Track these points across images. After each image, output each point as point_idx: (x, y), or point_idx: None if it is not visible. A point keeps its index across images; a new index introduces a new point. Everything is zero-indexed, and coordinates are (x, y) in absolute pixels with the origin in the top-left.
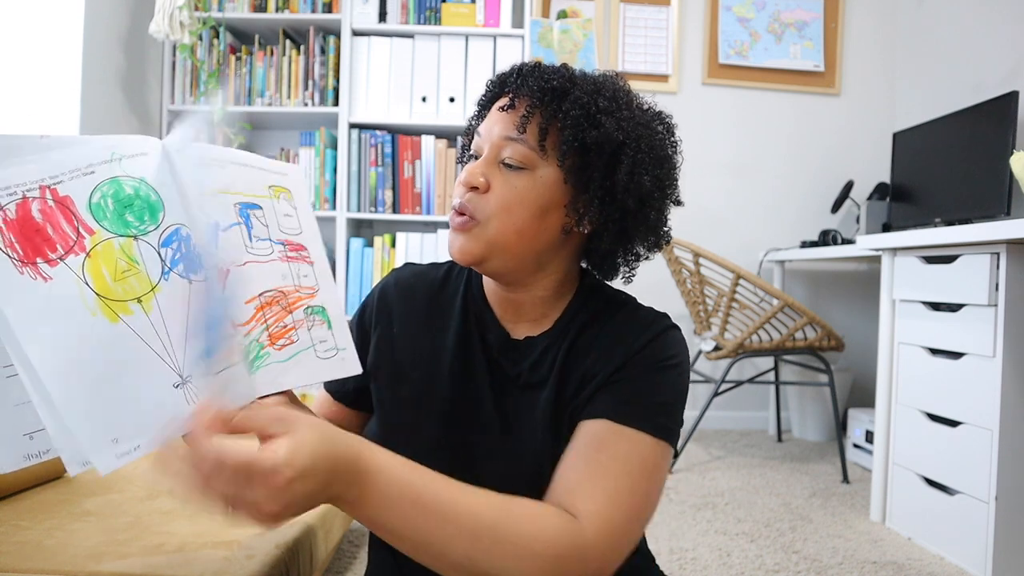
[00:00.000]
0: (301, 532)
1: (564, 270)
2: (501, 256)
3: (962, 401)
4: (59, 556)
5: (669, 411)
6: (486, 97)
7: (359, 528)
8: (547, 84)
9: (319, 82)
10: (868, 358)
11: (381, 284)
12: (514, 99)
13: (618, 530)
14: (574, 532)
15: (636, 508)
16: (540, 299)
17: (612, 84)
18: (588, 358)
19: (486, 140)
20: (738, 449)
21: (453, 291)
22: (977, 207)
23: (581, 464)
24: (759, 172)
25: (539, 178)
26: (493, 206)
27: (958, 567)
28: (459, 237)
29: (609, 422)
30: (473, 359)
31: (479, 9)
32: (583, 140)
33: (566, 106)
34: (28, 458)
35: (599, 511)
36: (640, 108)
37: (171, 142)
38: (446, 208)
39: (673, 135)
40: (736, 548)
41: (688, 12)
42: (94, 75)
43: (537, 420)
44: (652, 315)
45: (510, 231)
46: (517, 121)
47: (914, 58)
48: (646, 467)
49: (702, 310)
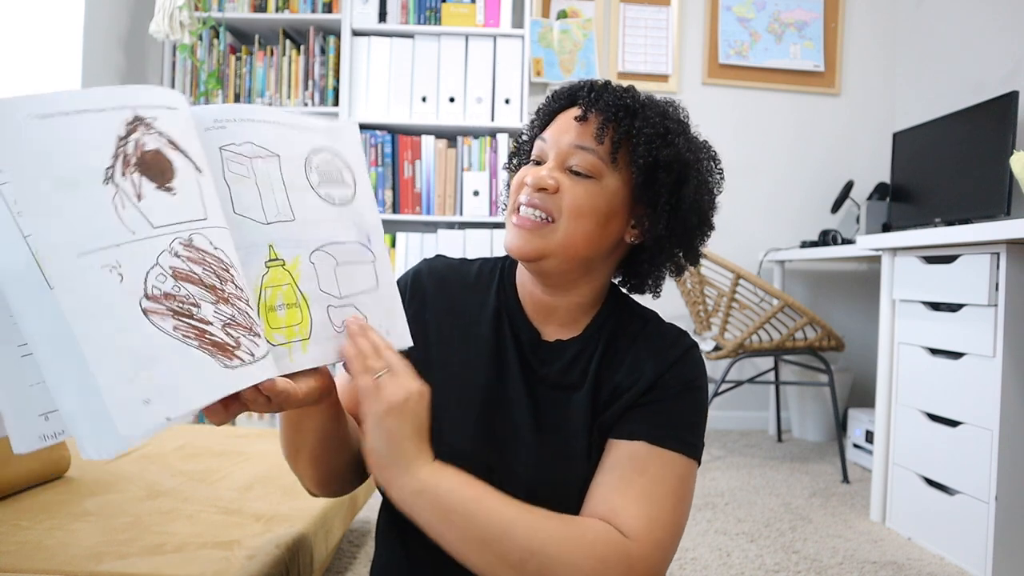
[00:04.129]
0: (301, 532)
1: (604, 279)
2: (563, 256)
3: (962, 401)
4: (59, 556)
5: (697, 431)
6: (551, 108)
7: (359, 528)
8: (620, 101)
9: (319, 82)
10: (868, 358)
11: (414, 269)
12: (587, 112)
13: (661, 547)
14: (622, 544)
15: (676, 527)
16: (576, 304)
17: (676, 111)
18: (620, 371)
19: (552, 147)
20: (738, 449)
21: (486, 287)
22: (977, 207)
23: (623, 487)
24: (759, 172)
25: (606, 187)
26: (565, 208)
27: (958, 567)
28: (524, 234)
29: (647, 444)
30: (506, 356)
31: (479, 9)
32: (656, 157)
33: (639, 123)
34: (44, 439)
35: (644, 529)
36: (697, 137)
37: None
38: (446, 208)
39: (719, 165)
40: (736, 548)
41: (688, 12)
42: (94, 75)
43: (570, 420)
44: (676, 332)
45: (578, 234)
46: (594, 132)
47: (914, 58)
48: (682, 487)
49: (702, 310)
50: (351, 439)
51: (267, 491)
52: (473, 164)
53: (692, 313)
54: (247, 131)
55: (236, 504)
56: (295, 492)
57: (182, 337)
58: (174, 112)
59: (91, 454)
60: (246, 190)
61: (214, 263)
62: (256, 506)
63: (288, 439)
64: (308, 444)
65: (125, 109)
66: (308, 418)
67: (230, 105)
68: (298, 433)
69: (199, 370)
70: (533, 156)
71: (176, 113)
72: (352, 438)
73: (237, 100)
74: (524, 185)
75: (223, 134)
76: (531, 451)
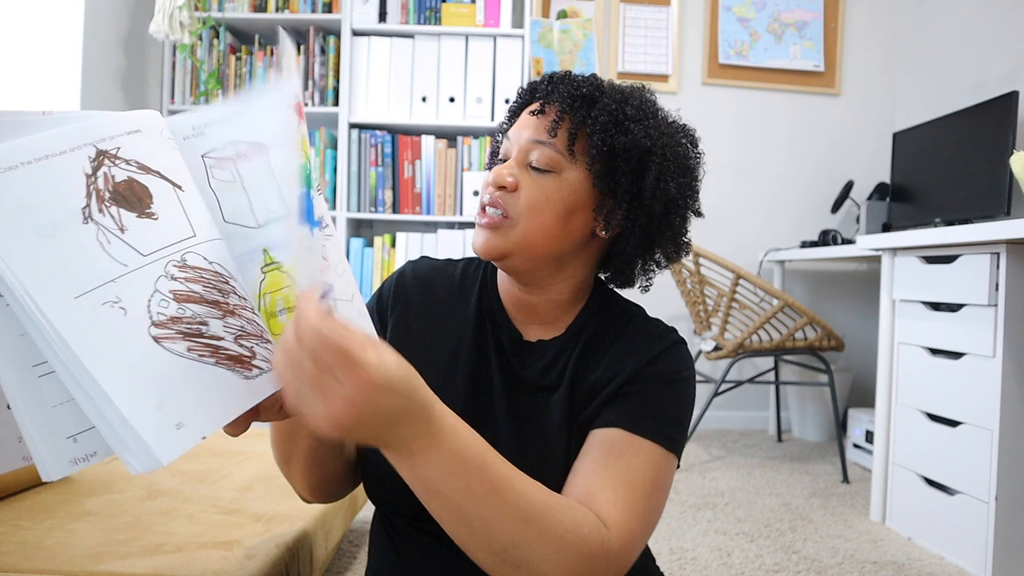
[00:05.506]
0: (301, 532)
1: (582, 276)
2: (525, 254)
3: (962, 401)
4: (59, 556)
5: (678, 425)
6: (516, 103)
7: (359, 528)
8: (577, 91)
9: (319, 82)
10: (868, 358)
11: (398, 272)
12: (544, 105)
13: (635, 537)
14: (603, 534)
15: (650, 517)
16: (555, 303)
17: (639, 95)
18: (599, 368)
19: (515, 143)
20: (738, 449)
21: (469, 289)
22: (977, 207)
23: (600, 470)
24: (759, 172)
25: (566, 181)
26: (522, 205)
27: (958, 567)
28: (485, 233)
29: (624, 431)
30: (488, 357)
31: (479, 9)
32: (612, 145)
33: (595, 112)
34: (75, 463)
35: (620, 518)
36: (665, 120)
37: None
38: (446, 208)
39: (697, 147)
40: (736, 548)
41: (688, 12)
42: (94, 75)
43: (548, 423)
44: (661, 328)
45: (536, 230)
46: (548, 125)
47: (914, 58)
48: (658, 478)
49: (702, 310)
50: (344, 446)
51: (267, 491)
52: (473, 164)
53: (692, 313)
54: (227, 131)
55: (236, 504)
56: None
57: (198, 357)
58: (138, 135)
59: (138, 469)
60: (233, 196)
61: (212, 278)
62: (256, 506)
63: (280, 448)
64: (300, 451)
65: (86, 146)
66: (300, 426)
67: (207, 108)
68: (290, 441)
69: (223, 385)
70: (500, 154)
71: (141, 135)
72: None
73: None
74: (488, 184)
75: (203, 141)
76: (512, 455)
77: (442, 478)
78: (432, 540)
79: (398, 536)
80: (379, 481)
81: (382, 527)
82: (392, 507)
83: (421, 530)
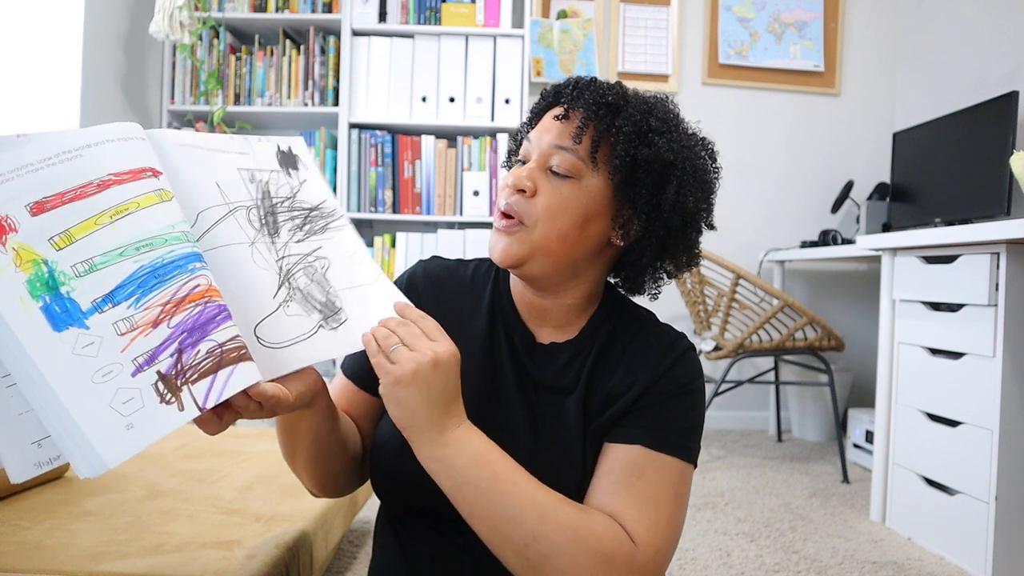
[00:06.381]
0: (301, 532)
1: (596, 281)
2: (541, 260)
3: (962, 401)
4: (59, 556)
5: (693, 435)
6: (539, 107)
7: (359, 528)
8: (602, 99)
9: (319, 82)
10: (868, 358)
11: (409, 272)
12: (568, 110)
13: (662, 552)
14: (628, 545)
15: (675, 531)
16: (568, 307)
17: (663, 106)
18: (615, 375)
19: (536, 147)
20: (738, 449)
21: (480, 289)
22: (977, 207)
23: (623, 491)
24: (759, 172)
25: (585, 187)
26: (539, 210)
27: (958, 567)
28: (503, 239)
29: (644, 448)
30: (500, 358)
31: (479, 9)
32: (635, 156)
33: (619, 122)
34: (39, 466)
35: (647, 535)
36: (687, 132)
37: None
38: (446, 208)
39: (715, 161)
40: (736, 548)
41: (688, 12)
42: (94, 75)
43: (564, 424)
44: (672, 335)
45: (553, 236)
46: (572, 131)
47: (914, 58)
48: (679, 491)
49: (702, 310)
50: (349, 440)
51: (267, 491)
52: (473, 164)
53: (692, 313)
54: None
55: (236, 504)
56: (295, 492)
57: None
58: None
59: (85, 473)
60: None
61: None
62: (256, 506)
63: (285, 441)
64: (304, 446)
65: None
66: (302, 420)
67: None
68: (294, 435)
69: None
70: (520, 156)
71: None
72: (350, 439)
73: (237, 100)
74: (506, 187)
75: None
76: (526, 454)
77: (471, 467)
78: (439, 536)
79: (405, 533)
80: (390, 477)
81: (388, 524)
82: (402, 503)
83: (429, 527)
